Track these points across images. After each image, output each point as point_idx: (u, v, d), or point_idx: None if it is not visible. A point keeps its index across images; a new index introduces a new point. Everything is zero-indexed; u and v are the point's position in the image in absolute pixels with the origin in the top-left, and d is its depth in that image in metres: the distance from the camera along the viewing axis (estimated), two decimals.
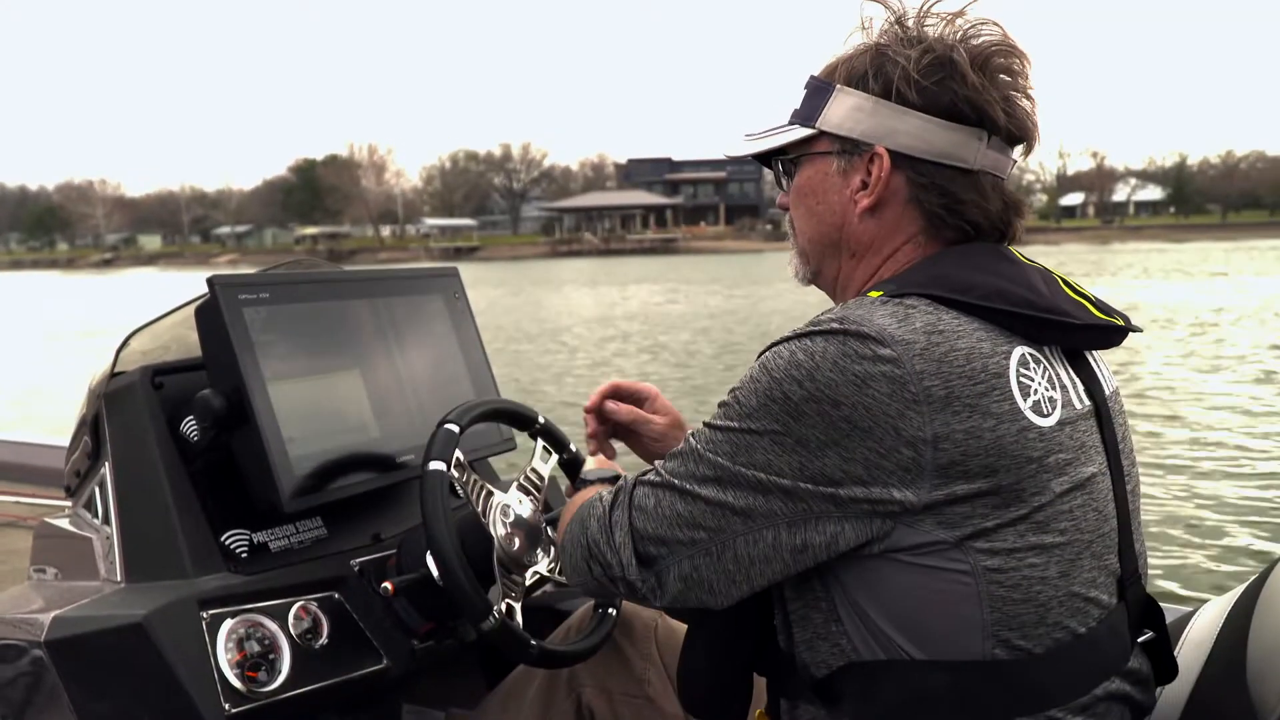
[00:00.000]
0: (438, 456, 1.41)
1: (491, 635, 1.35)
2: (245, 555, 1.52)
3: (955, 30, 1.08)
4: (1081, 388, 1.07)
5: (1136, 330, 1.14)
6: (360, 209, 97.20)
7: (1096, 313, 1.08)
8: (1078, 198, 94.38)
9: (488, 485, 1.50)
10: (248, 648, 1.40)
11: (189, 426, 1.51)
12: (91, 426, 1.60)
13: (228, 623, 1.40)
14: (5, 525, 2.91)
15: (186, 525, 1.48)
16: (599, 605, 1.59)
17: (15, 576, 1.93)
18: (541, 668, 1.50)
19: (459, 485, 1.44)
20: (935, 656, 1.00)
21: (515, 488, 1.56)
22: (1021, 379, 0.99)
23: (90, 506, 1.60)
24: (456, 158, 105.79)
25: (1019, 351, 1.00)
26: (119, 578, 1.50)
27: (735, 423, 1.02)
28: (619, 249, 75.31)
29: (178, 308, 1.64)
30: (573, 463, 1.66)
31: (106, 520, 1.55)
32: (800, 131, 1.15)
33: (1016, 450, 0.96)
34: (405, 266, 2.01)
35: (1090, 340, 1.11)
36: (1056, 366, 1.05)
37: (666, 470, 1.08)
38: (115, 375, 1.59)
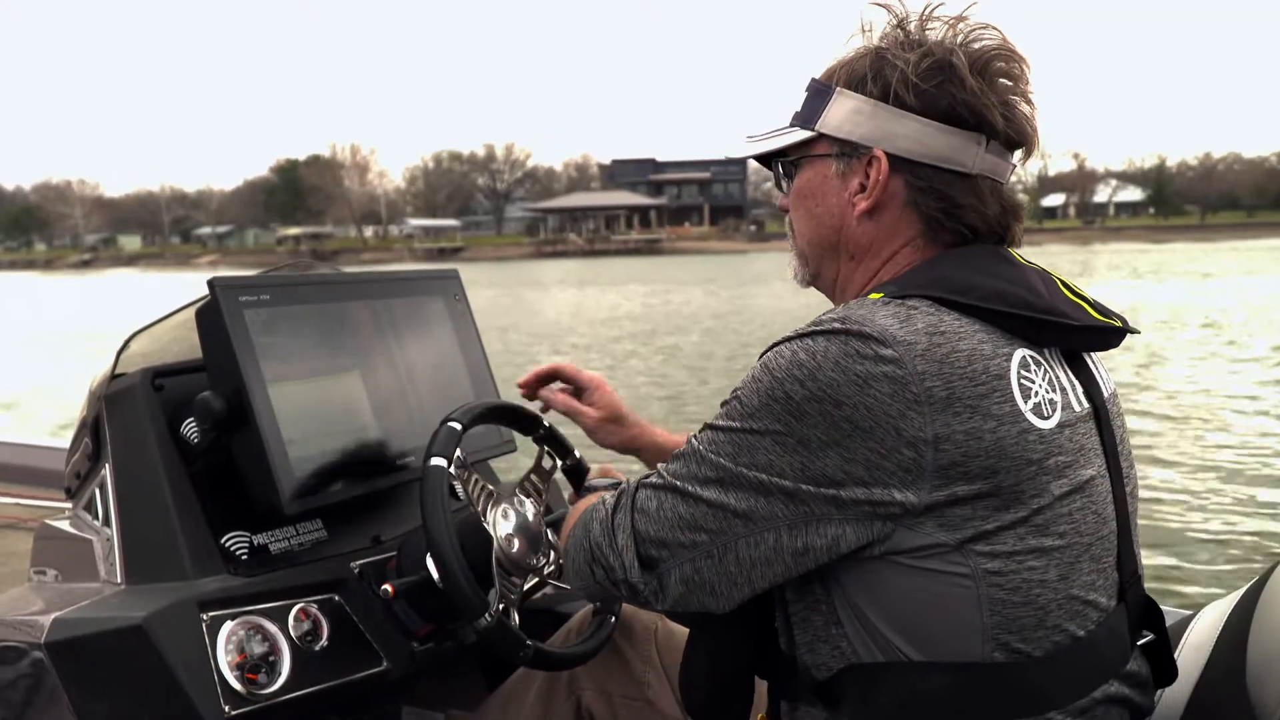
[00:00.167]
0: (439, 453, 1.40)
1: (487, 635, 1.35)
2: (245, 557, 1.51)
3: (956, 35, 1.08)
4: (1080, 390, 1.07)
5: (1134, 332, 1.14)
6: (343, 209, 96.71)
7: (1095, 314, 1.08)
8: (1059, 198, 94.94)
9: (489, 486, 1.49)
10: (248, 650, 1.39)
11: (189, 428, 1.51)
12: (92, 428, 1.60)
13: (228, 625, 1.39)
14: (5, 527, 2.88)
15: (187, 527, 1.47)
16: (598, 609, 1.58)
17: (15, 578, 1.92)
18: (537, 669, 1.49)
19: (460, 485, 1.44)
20: (935, 659, 1.00)
21: (517, 490, 1.55)
22: (1022, 381, 0.99)
23: (90, 508, 1.60)
24: (440, 158, 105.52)
25: (1020, 353, 1.00)
26: (119, 579, 1.49)
27: (737, 423, 1.02)
28: (604, 250, 75.21)
29: (178, 310, 1.63)
30: (576, 469, 1.64)
31: (107, 522, 1.54)
32: (800, 134, 1.15)
33: (1017, 452, 0.96)
34: (406, 268, 2.01)
35: (1089, 341, 1.11)
36: (1056, 369, 1.05)
37: (669, 472, 1.08)
38: (116, 377, 1.59)
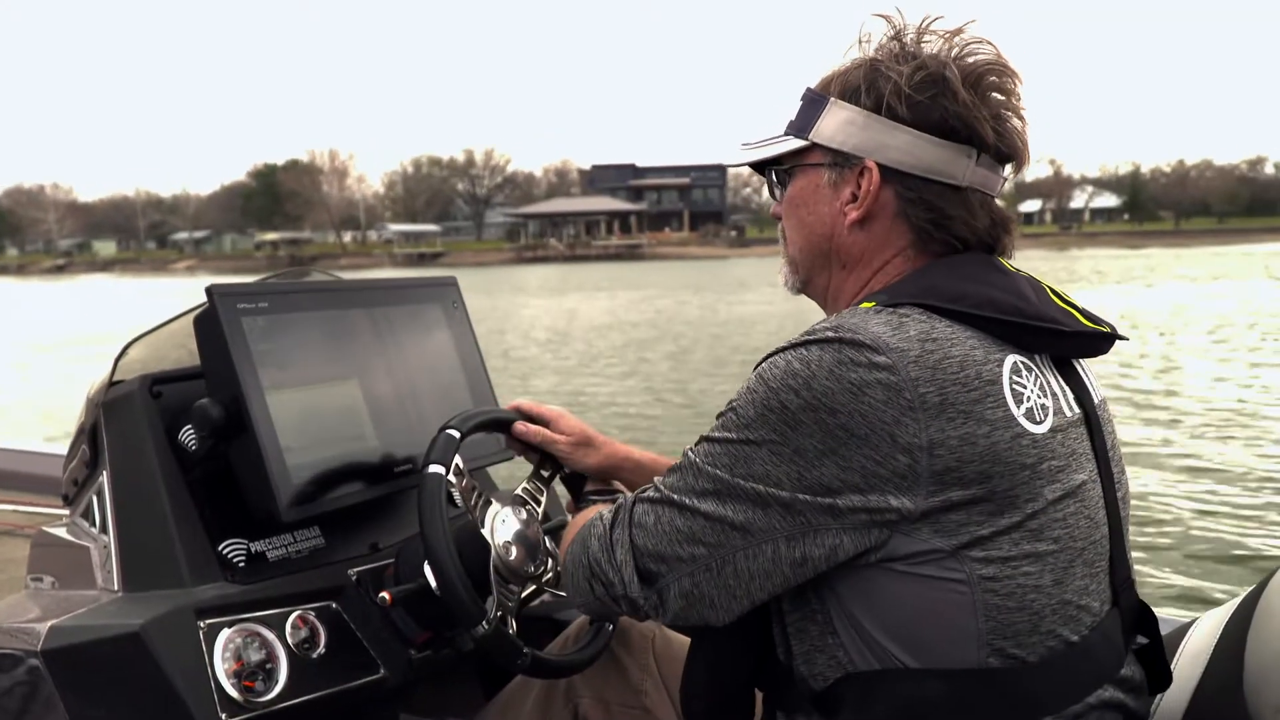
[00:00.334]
0: (437, 460, 1.40)
1: (484, 642, 1.34)
2: (243, 564, 1.51)
3: (950, 48, 1.09)
4: (1071, 396, 1.09)
5: (1123, 339, 1.16)
6: (322, 215, 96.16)
7: (1084, 321, 1.10)
8: (1035, 204, 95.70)
9: (486, 494, 1.49)
10: (245, 657, 1.39)
11: (187, 435, 1.51)
12: (89, 435, 1.59)
13: (225, 632, 1.38)
14: (2, 534, 2.86)
15: (184, 534, 1.47)
16: (594, 619, 1.57)
17: (12, 585, 1.91)
18: (534, 677, 1.49)
19: (457, 493, 1.43)
20: (930, 666, 1.00)
21: (514, 498, 1.55)
22: (1014, 386, 1.00)
23: (88, 515, 1.59)
24: (419, 163, 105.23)
25: (1011, 359, 1.02)
26: (116, 587, 1.48)
27: (733, 434, 1.02)
28: (584, 255, 75.03)
29: (176, 317, 1.63)
30: (575, 478, 1.63)
31: (104, 529, 1.54)
32: (794, 143, 1.17)
33: (1010, 457, 0.97)
34: (404, 275, 2.01)
35: (1079, 348, 1.12)
36: (1047, 374, 1.07)
37: (666, 485, 1.08)
38: (114, 384, 1.59)
